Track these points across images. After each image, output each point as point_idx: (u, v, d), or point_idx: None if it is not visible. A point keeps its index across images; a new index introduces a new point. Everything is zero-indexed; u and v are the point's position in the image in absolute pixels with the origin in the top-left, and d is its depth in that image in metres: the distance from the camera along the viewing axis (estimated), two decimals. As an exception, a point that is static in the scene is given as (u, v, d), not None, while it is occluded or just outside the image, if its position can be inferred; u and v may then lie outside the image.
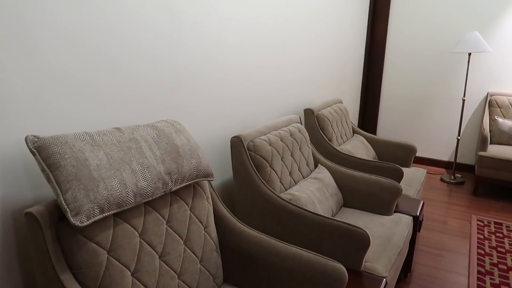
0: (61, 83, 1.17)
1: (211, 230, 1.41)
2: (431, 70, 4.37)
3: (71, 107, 1.22)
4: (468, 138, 4.31)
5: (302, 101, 2.92)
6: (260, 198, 1.81)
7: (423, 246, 2.70)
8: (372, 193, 2.20)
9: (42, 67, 1.12)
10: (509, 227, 3.00)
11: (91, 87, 1.27)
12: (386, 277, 1.60)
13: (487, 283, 2.27)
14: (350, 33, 3.80)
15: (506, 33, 3.97)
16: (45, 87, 1.13)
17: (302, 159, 2.18)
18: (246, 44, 2.10)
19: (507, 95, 3.99)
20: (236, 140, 1.81)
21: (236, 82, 2.07)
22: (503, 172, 3.50)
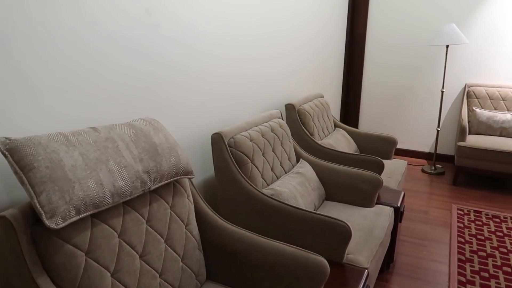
0: (28, 81, 1.15)
1: (192, 228, 1.41)
2: (411, 63, 4.43)
3: (43, 106, 1.19)
4: (448, 129, 4.39)
5: (284, 96, 2.92)
6: (242, 194, 1.81)
7: (405, 236, 2.75)
8: (354, 186, 2.22)
9: (8, 65, 1.09)
10: (488, 215, 3.08)
11: (64, 83, 1.25)
12: (368, 268, 1.62)
13: (467, 270, 2.33)
14: (330, 27, 3.82)
15: (482, 25, 4.04)
16: (12, 86, 1.11)
17: (283, 154, 2.19)
18: (226, 37, 2.09)
19: (484, 86, 4.07)
20: (216, 137, 1.80)
21: (216, 77, 2.06)
22: (482, 161, 3.58)
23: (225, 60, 2.12)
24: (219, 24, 2.02)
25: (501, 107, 3.96)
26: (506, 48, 4.00)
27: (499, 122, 3.79)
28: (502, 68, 4.06)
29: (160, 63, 1.65)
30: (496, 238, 2.71)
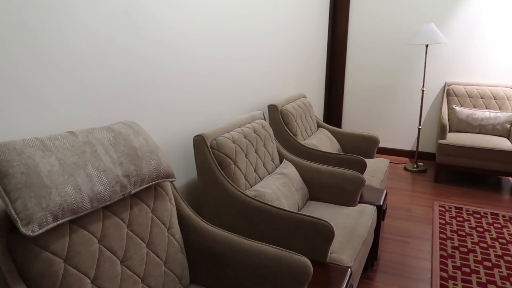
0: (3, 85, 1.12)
1: (175, 232, 1.40)
2: (392, 63, 4.49)
3: (14, 110, 1.17)
4: (429, 127, 4.47)
5: (266, 97, 2.93)
6: (225, 196, 1.80)
7: (388, 234, 2.78)
8: (337, 185, 2.24)
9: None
10: (468, 211, 3.14)
11: (39, 87, 1.22)
12: (351, 267, 1.64)
13: (449, 266, 2.37)
14: (312, 28, 3.84)
15: (460, 25, 4.13)
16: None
17: (266, 155, 2.19)
18: (208, 37, 2.08)
19: (463, 84, 4.16)
20: (198, 139, 1.80)
21: (198, 79, 2.05)
22: (462, 158, 3.65)
23: (207, 61, 2.11)
24: (200, 24, 2.01)
25: (480, 105, 4.05)
26: (483, 46, 4.09)
27: (478, 120, 3.87)
28: (480, 66, 4.15)
29: (140, 64, 1.64)
30: (476, 233, 2.77)
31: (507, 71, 4.05)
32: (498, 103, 3.99)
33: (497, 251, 2.54)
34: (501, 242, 2.64)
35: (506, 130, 3.79)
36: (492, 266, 2.36)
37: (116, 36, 1.49)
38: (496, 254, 2.50)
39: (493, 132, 3.84)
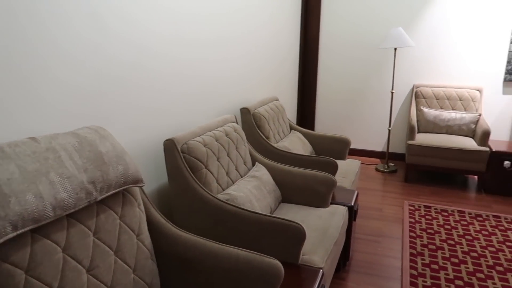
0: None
1: (144, 238, 1.37)
2: (362, 66, 4.58)
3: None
4: (398, 128, 4.58)
5: (239, 100, 2.93)
6: (197, 201, 1.79)
7: (360, 234, 2.83)
8: (309, 187, 2.26)
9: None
10: (437, 209, 3.23)
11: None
12: (323, 268, 1.65)
13: (418, 263, 2.43)
14: (284, 31, 3.88)
15: (425, 28, 4.26)
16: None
17: (239, 158, 2.19)
18: (179, 39, 2.06)
19: (431, 86, 4.28)
20: (169, 143, 1.77)
21: (170, 82, 2.03)
22: (430, 158, 3.76)
23: (179, 62, 2.09)
24: (173, 24, 1.99)
25: (447, 106, 4.18)
26: (448, 49, 4.23)
27: (445, 121, 4.00)
28: (446, 69, 4.29)
29: (109, 65, 1.60)
30: (444, 231, 2.85)
31: (471, 73, 4.21)
32: (463, 104, 4.14)
33: (464, 247, 2.62)
34: (467, 239, 2.73)
35: (471, 130, 3.92)
36: (459, 262, 2.44)
37: (83, 35, 1.46)
38: (463, 251, 2.58)
39: (459, 132, 3.97)
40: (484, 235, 2.79)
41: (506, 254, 2.54)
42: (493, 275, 2.31)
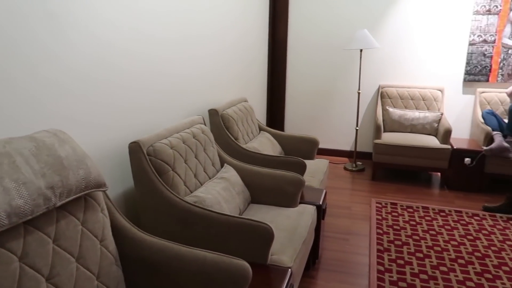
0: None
1: (108, 243, 1.34)
2: (330, 67, 4.66)
3: None
4: (365, 128, 4.68)
5: (207, 102, 2.91)
6: (164, 204, 1.76)
7: (329, 232, 2.87)
8: (278, 187, 2.27)
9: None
10: (402, 206, 3.33)
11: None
12: (291, 267, 1.66)
13: (385, 259, 2.49)
14: (252, 32, 3.89)
15: (390, 31, 4.38)
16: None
17: (207, 160, 2.17)
18: (146, 36, 2.02)
19: (395, 87, 4.41)
20: (134, 146, 1.74)
21: (135, 82, 1.98)
22: (396, 156, 3.86)
23: (145, 61, 2.05)
24: (136, 20, 1.95)
25: (411, 106, 4.32)
26: (411, 51, 4.37)
27: (409, 120, 4.12)
28: (409, 69, 4.42)
29: (69, 66, 1.55)
30: (410, 227, 2.94)
31: (433, 74, 4.36)
32: (426, 104, 4.28)
33: (428, 242, 2.71)
34: (431, 234, 2.83)
35: (434, 128, 4.06)
36: (424, 257, 2.52)
37: (41, 35, 1.41)
38: (427, 245, 2.66)
39: (422, 131, 4.10)
40: (447, 230, 2.89)
41: (467, 247, 2.65)
42: (455, 268, 2.39)
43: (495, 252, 2.58)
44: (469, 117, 4.35)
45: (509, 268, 2.41)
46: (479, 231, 2.88)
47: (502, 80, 4.15)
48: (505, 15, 4.02)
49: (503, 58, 4.11)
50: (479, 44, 4.14)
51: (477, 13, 4.08)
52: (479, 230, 2.90)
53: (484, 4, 4.04)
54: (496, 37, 4.08)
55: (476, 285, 2.23)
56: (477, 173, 3.67)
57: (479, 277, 2.30)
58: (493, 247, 2.65)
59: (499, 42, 4.08)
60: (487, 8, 4.05)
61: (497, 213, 3.20)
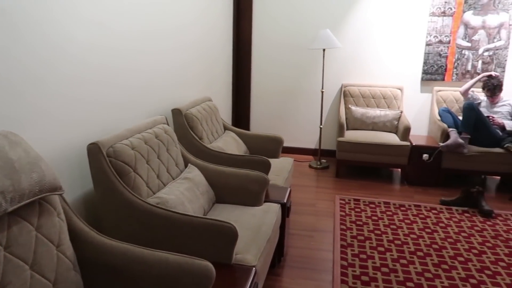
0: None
1: (65, 249, 1.29)
2: (294, 66, 4.71)
3: None
4: (329, 126, 4.77)
5: (170, 101, 2.87)
6: (125, 206, 1.72)
7: (295, 229, 2.91)
8: (242, 187, 2.27)
9: None
10: (365, 202, 3.42)
11: None
12: (255, 265, 1.67)
13: (348, 254, 2.55)
14: (216, 30, 3.86)
15: (352, 31, 4.48)
16: None
17: (170, 160, 2.14)
18: (103, 36, 1.97)
19: (357, 86, 4.52)
20: (93, 147, 1.69)
21: (95, 82, 1.92)
22: (359, 154, 3.96)
23: (105, 64, 2.00)
24: (95, 11, 1.89)
25: (372, 104, 4.44)
26: (372, 51, 4.50)
27: (371, 118, 4.24)
28: (370, 69, 4.55)
29: (22, 63, 1.48)
30: (372, 222, 3.03)
31: (392, 74, 4.50)
32: (387, 102, 4.41)
33: (389, 236, 2.80)
34: (392, 228, 2.92)
35: (394, 126, 4.20)
36: (385, 251, 2.60)
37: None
38: (388, 239, 2.75)
39: (383, 129, 4.23)
40: (407, 224, 3.00)
41: (426, 240, 2.76)
42: (414, 260, 2.49)
43: (451, 244, 2.71)
44: (427, 115, 4.53)
45: (464, 258, 2.53)
46: (436, 224, 3.00)
47: (457, 79, 4.35)
48: (459, 17, 4.21)
49: (457, 58, 4.30)
50: (435, 45, 4.32)
51: (433, 14, 4.25)
52: (437, 223, 3.03)
53: (439, 6, 4.22)
54: (450, 38, 4.27)
55: (433, 275, 2.33)
56: (434, 169, 3.83)
57: (436, 268, 2.41)
58: (449, 239, 2.78)
59: (454, 42, 4.28)
60: (442, 10, 4.22)
61: (453, 206, 3.35)
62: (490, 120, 3.74)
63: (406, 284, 2.24)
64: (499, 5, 4.11)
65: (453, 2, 4.18)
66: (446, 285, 2.24)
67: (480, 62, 4.26)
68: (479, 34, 4.21)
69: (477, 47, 4.24)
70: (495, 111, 3.87)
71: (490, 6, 4.13)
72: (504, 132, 3.72)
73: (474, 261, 2.49)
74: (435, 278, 2.30)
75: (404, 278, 2.29)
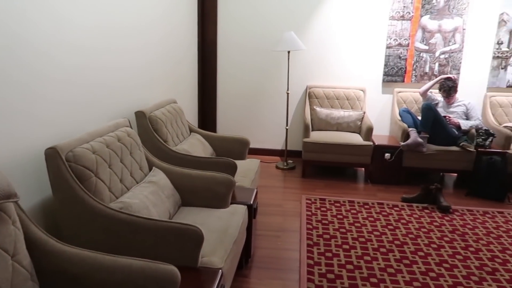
0: None
1: (21, 258, 1.24)
2: (260, 68, 4.74)
3: None
4: (295, 127, 4.83)
5: (134, 103, 2.81)
6: (86, 212, 1.67)
7: (262, 230, 2.92)
8: (209, 189, 2.26)
9: None
10: (330, 201, 3.49)
11: None
12: (222, 268, 1.67)
13: (314, 253, 2.59)
14: (180, 30, 3.83)
15: (315, 33, 4.57)
16: None
17: (134, 164, 2.10)
18: (63, 30, 1.90)
19: (322, 87, 4.60)
20: (51, 152, 1.63)
21: (52, 83, 1.86)
22: (324, 154, 4.04)
23: (65, 66, 1.93)
24: (51, 2, 1.83)
25: (336, 105, 4.54)
26: (334, 54, 4.60)
27: (335, 119, 4.33)
28: (333, 71, 4.65)
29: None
30: (337, 220, 3.09)
31: (355, 75, 4.62)
32: (350, 103, 4.52)
33: (354, 234, 2.87)
34: (356, 226, 3.00)
35: (358, 126, 4.31)
36: (350, 248, 2.66)
37: None
38: (353, 237, 2.82)
39: (347, 129, 4.33)
40: (370, 221, 3.09)
41: (388, 236, 2.85)
42: (377, 257, 2.56)
43: (412, 240, 2.81)
44: (388, 115, 4.68)
45: (423, 253, 2.63)
46: (398, 221, 3.11)
47: (416, 80, 4.52)
48: (417, 21, 4.38)
49: (416, 61, 4.47)
50: (395, 47, 4.47)
51: (392, 18, 4.40)
52: (398, 220, 3.13)
53: (398, 10, 4.37)
54: (409, 41, 4.43)
55: (395, 270, 2.41)
56: (396, 167, 3.96)
57: (398, 264, 2.49)
58: (410, 235, 2.88)
59: (412, 45, 4.44)
60: (401, 14, 4.38)
61: (413, 203, 3.48)
62: (447, 119, 3.92)
63: (369, 280, 2.30)
64: (453, 10, 4.31)
65: (411, 6, 4.35)
66: (407, 279, 2.32)
67: (437, 65, 4.45)
68: (436, 37, 4.40)
69: (434, 50, 4.43)
70: (451, 111, 4.06)
71: (445, 11, 4.32)
72: (460, 131, 3.91)
73: (433, 255, 2.60)
74: (397, 273, 2.38)
75: (368, 274, 2.36)
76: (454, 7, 4.30)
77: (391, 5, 4.37)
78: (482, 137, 3.86)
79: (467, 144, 3.79)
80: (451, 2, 4.29)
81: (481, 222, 3.13)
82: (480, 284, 2.29)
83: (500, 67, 4.40)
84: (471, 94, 4.44)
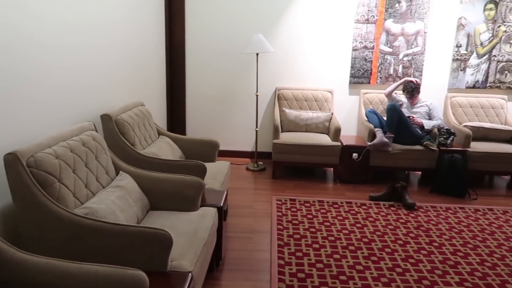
0: None
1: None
2: (229, 70, 4.74)
3: None
4: (265, 128, 4.86)
5: (99, 105, 2.74)
6: (50, 219, 1.62)
7: (232, 232, 2.92)
8: (178, 192, 2.24)
9: None
10: (300, 201, 3.53)
11: None
12: (192, 271, 1.66)
13: (285, 253, 2.61)
14: (147, 30, 3.77)
15: (284, 36, 4.61)
16: None
17: (100, 168, 2.05)
18: (23, 36, 1.83)
19: (290, 89, 4.65)
20: (10, 158, 1.57)
21: (12, 78, 1.78)
22: (293, 155, 4.08)
23: (25, 68, 1.86)
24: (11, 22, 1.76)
25: (305, 107, 4.60)
26: (302, 56, 4.66)
27: (304, 120, 4.39)
28: (302, 73, 4.71)
29: None
30: (307, 220, 3.13)
31: (323, 77, 4.70)
32: (318, 104, 4.60)
33: (323, 233, 2.92)
34: (326, 225, 3.05)
35: (326, 127, 4.39)
36: (319, 247, 2.70)
37: None
38: (322, 236, 2.87)
39: (316, 130, 4.40)
40: (339, 220, 3.14)
41: (357, 234, 2.91)
42: (346, 255, 2.62)
43: (379, 237, 2.88)
44: (355, 116, 4.79)
45: (390, 249, 2.71)
46: (366, 219, 3.18)
47: (381, 82, 4.65)
48: (381, 25, 4.51)
49: (380, 63, 4.60)
50: (361, 50, 4.58)
51: (358, 21, 4.51)
52: (366, 218, 3.21)
53: (363, 14, 4.49)
54: (374, 44, 4.56)
55: (364, 267, 2.47)
56: (363, 167, 4.06)
57: (366, 260, 2.55)
58: (377, 232, 2.96)
59: (377, 48, 4.57)
60: (366, 18, 4.50)
61: (380, 201, 3.57)
62: (410, 120, 4.05)
63: (339, 277, 2.35)
64: (415, 14, 4.46)
65: (375, 10, 4.47)
66: (375, 275, 2.38)
67: (400, 67, 4.60)
68: (399, 40, 4.54)
69: (398, 53, 4.57)
70: (415, 112, 4.20)
71: (407, 15, 4.47)
72: (423, 131, 4.05)
73: (400, 251, 2.68)
74: (365, 270, 2.44)
75: (337, 272, 2.40)
76: (416, 11, 4.46)
77: (356, 9, 4.48)
78: (444, 136, 4.02)
79: (430, 143, 3.94)
80: (413, 6, 4.44)
81: (444, 218, 3.25)
82: (444, 277, 2.39)
83: (459, 69, 4.60)
84: (433, 95, 4.61)
